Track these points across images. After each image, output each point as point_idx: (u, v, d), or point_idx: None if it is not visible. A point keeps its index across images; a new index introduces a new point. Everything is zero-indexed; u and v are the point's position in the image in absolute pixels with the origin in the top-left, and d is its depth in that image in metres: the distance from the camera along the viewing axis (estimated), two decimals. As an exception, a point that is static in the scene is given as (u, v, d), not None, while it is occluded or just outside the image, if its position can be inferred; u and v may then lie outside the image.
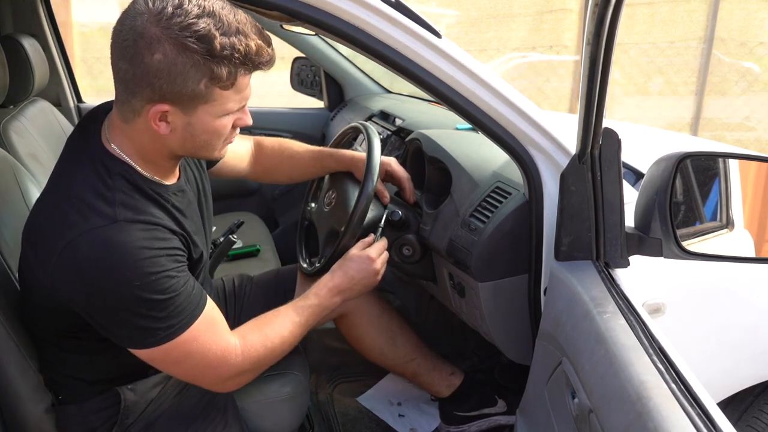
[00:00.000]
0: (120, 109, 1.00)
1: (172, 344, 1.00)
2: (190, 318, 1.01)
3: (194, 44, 0.90)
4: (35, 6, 2.30)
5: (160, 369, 1.09)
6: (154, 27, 0.90)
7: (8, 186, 1.38)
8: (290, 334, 1.15)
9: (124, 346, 1.02)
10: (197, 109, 0.97)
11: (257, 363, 1.11)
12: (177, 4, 0.91)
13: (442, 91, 1.14)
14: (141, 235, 0.97)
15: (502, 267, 1.31)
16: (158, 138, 1.00)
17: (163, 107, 0.95)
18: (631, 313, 0.99)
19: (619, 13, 0.93)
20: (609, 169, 1.14)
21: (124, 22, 0.93)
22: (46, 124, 2.02)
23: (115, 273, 0.94)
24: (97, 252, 0.94)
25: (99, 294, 0.96)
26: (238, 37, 0.93)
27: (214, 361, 1.05)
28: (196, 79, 0.93)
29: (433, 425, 1.80)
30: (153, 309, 0.97)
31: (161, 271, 0.97)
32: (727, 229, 1.67)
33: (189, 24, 0.90)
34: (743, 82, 7.23)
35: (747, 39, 7.01)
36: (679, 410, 0.76)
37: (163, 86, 0.92)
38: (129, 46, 0.91)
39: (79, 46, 7.57)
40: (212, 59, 0.92)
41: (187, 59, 0.91)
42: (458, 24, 8.09)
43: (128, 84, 0.95)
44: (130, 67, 0.93)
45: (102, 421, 1.18)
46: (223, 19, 0.92)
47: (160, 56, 0.90)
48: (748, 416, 1.73)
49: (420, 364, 1.72)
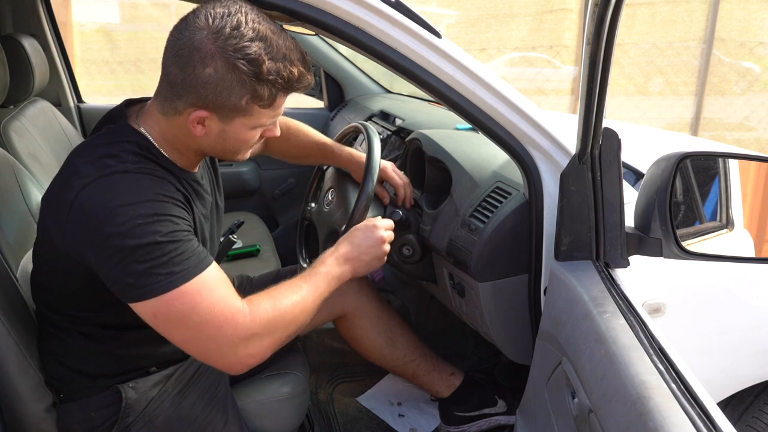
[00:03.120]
0: (161, 104, 1.06)
1: (173, 294, 0.97)
2: (194, 270, 1.00)
3: (244, 66, 0.98)
4: (35, 6, 2.31)
5: (163, 333, 1.03)
6: (211, 44, 0.98)
7: (8, 186, 1.38)
8: (301, 298, 1.11)
9: (128, 300, 1.00)
10: (234, 120, 1.05)
11: (268, 325, 1.05)
12: (235, 25, 0.98)
13: (442, 91, 1.14)
14: (148, 183, 1.01)
15: (502, 267, 1.31)
16: (191, 136, 1.08)
17: (203, 113, 1.03)
18: (631, 313, 0.99)
19: (619, 13, 0.93)
20: (609, 169, 1.14)
21: (183, 31, 1.00)
22: (46, 124, 2.02)
23: (118, 213, 0.96)
24: (102, 195, 0.98)
25: (104, 237, 0.96)
26: (284, 62, 1.01)
27: (220, 318, 1.00)
28: (240, 95, 1.01)
29: (433, 425, 1.80)
30: (154, 251, 0.97)
31: (165, 214, 1.00)
32: (727, 229, 1.67)
33: (242, 47, 0.98)
34: (743, 82, 7.24)
35: (747, 39, 7.01)
36: (679, 410, 0.77)
37: (208, 96, 1.01)
38: (184, 56, 0.99)
39: (79, 46, 7.57)
40: (257, 81, 1.00)
41: (235, 77, 0.99)
42: (458, 24, 8.10)
43: (175, 87, 1.02)
44: (181, 74, 1.00)
45: (103, 420, 1.18)
46: (273, 44, 1.00)
47: (211, 70, 0.99)
48: (748, 416, 1.73)
49: (419, 365, 1.72)
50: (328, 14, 1.07)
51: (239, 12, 1.00)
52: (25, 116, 1.90)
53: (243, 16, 0.99)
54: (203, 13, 0.99)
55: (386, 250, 1.27)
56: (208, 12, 0.99)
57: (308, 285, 1.14)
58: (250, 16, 1.00)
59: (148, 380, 1.21)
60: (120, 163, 1.01)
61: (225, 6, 1.00)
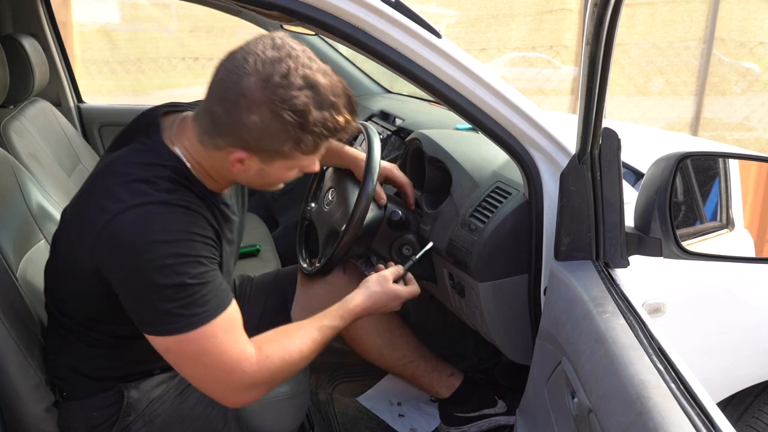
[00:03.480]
0: (201, 135, 1.04)
1: (190, 336, 0.98)
2: (214, 312, 1.00)
3: (290, 117, 0.96)
4: (35, 6, 2.31)
5: (173, 364, 1.05)
6: (259, 92, 0.95)
7: (8, 186, 1.38)
8: (308, 350, 1.12)
9: (145, 331, 1.01)
10: (275, 162, 1.04)
11: (272, 376, 1.07)
12: (284, 73, 0.95)
13: (442, 91, 1.14)
14: (182, 219, 1.00)
15: (502, 267, 1.31)
16: (228, 170, 1.06)
17: (244, 155, 1.02)
18: (630, 313, 0.99)
19: (619, 13, 0.93)
20: (609, 169, 1.14)
21: (230, 74, 0.97)
22: (46, 124, 2.02)
23: (151, 249, 0.95)
24: (138, 227, 0.96)
25: (133, 270, 0.96)
26: (330, 111, 0.99)
27: (229, 364, 1.02)
28: (283, 142, 0.99)
29: (433, 425, 1.80)
30: (180, 293, 0.97)
31: (195, 255, 0.99)
32: (727, 229, 1.68)
33: (290, 97, 0.95)
34: (743, 82, 7.24)
35: (747, 39, 7.01)
36: (679, 410, 0.77)
37: (251, 141, 0.99)
38: (230, 99, 0.97)
39: (79, 46, 7.57)
40: (302, 131, 0.98)
41: (280, 126, 0.97)
42: (458, 24, 8.09)
43: (218, 126, 1.01)
44: (225, 115, 0.99)
45: (104, 419, 1.18)
46: (320, 92, 0.98)
47: (256, 118, 0.96)
48: (748, 416, 1.73)
49: (419, 366, 1.72)
50: (328, 14, 1.07)
51: (288, 57, 0.96)
52: (25, 116, 1.90)
53: (293, 61, 0.96)
54: (252, 55, 0.96)
55: (399, 306, 1.30)
56: (257, 55, 0.96)
57: (320, 338, 1.14)
58: (300, 60, 0.97)
59: (151, 381, 1.21)
60: (155, 192, 0.99)
61: (275, 48, 0.97)
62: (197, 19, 7.85)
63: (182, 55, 7.93)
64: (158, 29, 8.44)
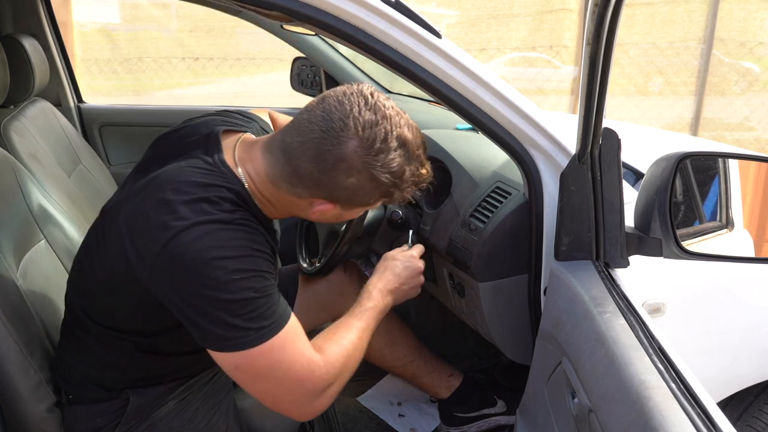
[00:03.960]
0: (276, 178, 1.04)
1: (260, 349, 0.97)
2: (280, 323, 0.99)
3: (387, 179, 1.00)
4: (35, 6, 2.30)
5: (242, 383, 1.03)
6: (360, 158, 0.97)
7: (9, 186, 1.38)
8: (359, 340, 1.12)
9: (213, 349, 0.99)
10: (355, 209, 1.10)
11: (339, 374, 1.07)
12: (383, 137, 0.98)
13: (442, 91, 1.14)
14: (244, 236, 0.99)
15: (502, 267, 1.31)
16: (299, 211, 1.09)
17: (329, 206, 1.05)
18: (631, 313, 0.99)
19: (619, 13, 0.93)
20: (609, 169, 1.14)
21: (328, 135, 0.97)
22: (47, 124, 2.02)
23: (217, 265, 0.94)
24: (202, 243, 0.95)
25: (199, 286, 0.95)
26: (417, 165, 1.04)
27: (301, 373, 1.01)
28: (373, 197, 1.04)
29: (433, 425, 1.80)
30: (247, 307, 0.96)
31: (259, 270, 0.98)
32: (727, 229, 1.68)
33: (389, 161, 0.99)
34: (743, 82, 7.24)
35: (747, 39, 7.01)
36: (679, 410, 0.77)
37: (342, 197, 1.03)
38: (328, 161, 0.98)
39: (79, 46, 7.57)
40: (395, 188, 1.03)
41: (375, 185, 1.01)
42: (458, 24, 8.10)
43: (305, 180, 1.01)
44: (317, 173, 0.99)
45: (107, 422, 1.18)
46: (410, 149, 1.02)
47: (354, 180, 0.99)
48: (748, 416, 1.73)
49: (419, 366, 1.72)
50: (328, 14, 1.07)
51: (384, 118, 0.99)
52: (26, 116, 1.90)
53: (388, 122, 0.99)
54: (351, 119, 0.97)
55: (423, 280, 1.30)
56: (356, 118, 0.97)
57: (361, 323, 1.15)
58: (393, 120, 1.00)
59: (158, 389, 1.20)
60: (218, 211, 0.98)
61: (370, 109, 0.98)
62: (197, 19, 7.86)
63: (182, 55, 7.94)
64: (158, 29, 8.44)
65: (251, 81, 7.90)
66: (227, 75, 8.10)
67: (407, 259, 1.29)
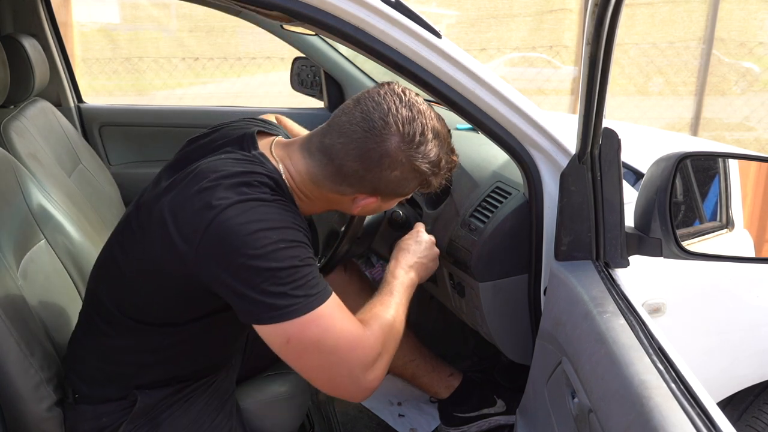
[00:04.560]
0: (316, 176, 1.09)
1: (310, 317, 0.98)
2: (326, 292, 1.01)
3: (426, 168, 1.08)
4: (35, 6, 2.30)
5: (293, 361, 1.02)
6: (404, 153, 1.05)
7: (9, 186, 1.38)
8: (397, 314, 1.13)
9: (263, 322, 0.98)
10: (393, 200, 1.16)
11: (386, 343, 1.08)
12: (421, 131, 1.05)
13: (442, 91, 1.14)
14: (284, 211, 1.03)
15: (502, 267, 1.31)
16: (340, 206, 1.16)
17: (372, 200, 1.11)
18: (631, 313, 0.99)
19: (619, 13, 0.93)
20: (609, 169, 1.14)
21: (371, 134, 1.03)
22: (47, 124, 2.02)
23: (260, 237, 0.97)
24: (245, 218, 0.97)
25: (246, 258, 0.96)
26: (449, 154, 1.12)
27: (351, 341, 1.01)
28: (413, 186, 1.11)
29: (433, 425, 1.80)
30: (294, 275, 0.97)
31: (300, 241, 1.01)
32: (727, 229, 1.68)
33: (428, 152, 1.07)
34: (743, 82, 7.24)
35: (746, 39, 7.01)
36: (679, 410, 0.77)
37: (386, 190, 1.10)
38: (373, 159, 1.04)
39: (79, 46, 7.57)
40: (433, 176, 1.10)
41: (415, 175, 1.08)
42: (458, 24, 8.10)
43: (349, 177, 1.07)
44: (362, 170, 1.06)
45: (112, 422, 1.18)
46: (442, 138, 1.10)
47: (398, 173, 1.06)
48: (748, 416, 1.73)
49: (419, 366, 1.72)
50: (328, 14, 1.07)
51: (419, 113, 1.06)
52: (26, 116, 1.90)
53: (423, 117, 1.06)
54: (391, 116, 1.03)
55: (437, 251, 1.33)
56: (395, 116, 1.04)
57: (392, 298, 1.16)
58: (426, 114, 1.07)
59: (165, 390, 1.20)
60: (258, 193, 1.01)
61: (407, 107, 1.05)
62: (197, 19, 7.85)
63: (182, 55, 7.94)
64: (158, 29, 8.44)
65: (252, 81, 7.90)
66: (227, 75, 8.10)
67: (415, 235, 1.32)
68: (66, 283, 1.43)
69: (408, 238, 1.32)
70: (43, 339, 1.23)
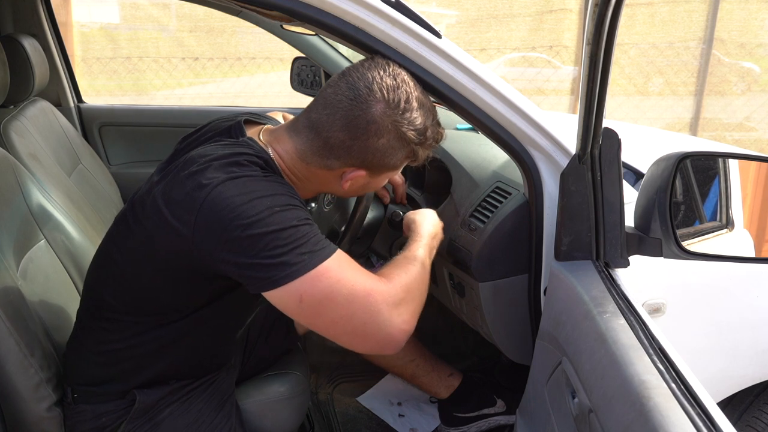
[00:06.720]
0: (305, 153, 1.09)
1: (319, 270, 0.97)
2: (329, 248, 1.00)
3: (414, 136, 1.07)
4: (35, 6, 2.31)
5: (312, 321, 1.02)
6: (389, 119, 1.05)
7: (9, 186, 1.38)
8: (421, 266, 1.13)
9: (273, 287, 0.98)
10: (382, 174, 1.14)
11: (408, 289, 1.06)
12: (406, 98, 1.06)
13: (442, 91, 1.15)
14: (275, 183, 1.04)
15: (502, 267, 1.31)
16: (330, 185, 1.14)
17: (360, 173, 1.10)
18: (631, 313, 0.99)
19: (619, 13, 0.93)
20: (609, 169, 1.14)
21: (356, 102, 1.04)
22: (47, 124, 2.02)
23: (255, 204, 0.97)
24: (238, 190, 0.98)
25: (243, 228, 0.96)
26: (435, 126, 1.12)
27: (366, 286, 1.00)
28: (401, 157, 1.10)
29: (433, 425, 1.80)
30: (296, 234, 0.98)
31: (294, 204, 1.02)
32: (727, 229, 1.68)
33: (414, 119, 1.07)
34: (743, 83, 7.24)
35: (746, 40, 7.02)
36: (679, 410, 0.77)
37: (373, 161, 1.08)
38: (359, 126, 1.04)
39: (79, 46, 7.58)
40: (420, 145, 1.10)
41: (402, 144, 1.08)
42: (458, 24, 8.10)
43: (336, 149, 1.07)
44: (349, 140, 1.05)
45: (112, 421, 1.18)
46: (427, 109, 1.10)
47: (384, 141, 1.06)
48: (748, 416, 1.73)
49: (419, 366, 1.72)
50: (328, 14, 1.07)
51: (404, 83, 1.07)
52: (26, 116, 1.90)
53: (407, 86, 1.07)
54: (376, 84, 1.04)
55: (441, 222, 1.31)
56: (380, 84, 1.04)
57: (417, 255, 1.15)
58: (410, 84, 1.08)
59: (164, 389, 1.20)
60: (248, 171, 1.02)
61: (391, 76, 1.06)
62: (197, 19, 7.86)
63: (182, 55, 7.94)
64: (158, 29, 8.44)
65: (251, 81, 7.90)
66: (227, 75, 8.10)
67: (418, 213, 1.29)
68: (66, 282, 1.43)
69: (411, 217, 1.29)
70: (43, 339, 1.23)
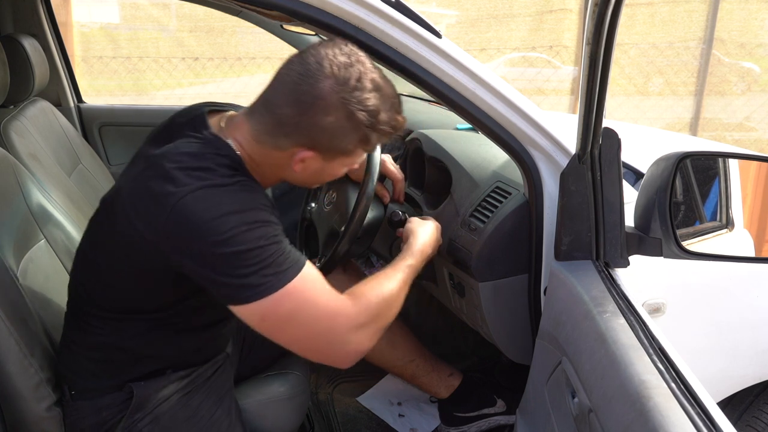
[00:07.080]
0: (259, 134, 1.07)
1: (282, 293, 0.99)
2: (297, 266, 1.01)
3: (364, 117, 1.03)
4: (35, 6, 2.30)
5: (272, 334, 1.04)
6: (336, 95, 1.01)
7: (9, 186, 1.38)
8: (399, 289, 1.13)
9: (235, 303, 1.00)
10: (335, 160, 1.10)
11: (374, 313, 1.07)
12: (357, 77, 1.02)
13: (442, 91, 1.15)
14: (245, 193, 1.03)
15: (502, 267, 1.31)
16: (284, 168, 1.10)
17: (309, 154, 1.06)
18: (631, 313, 0.99)
19: (619, 13, 0.94)
20: (609, 169, 1.14)
21: (305, 77, 1.01)
22: (47, 124, 2.02)
23: (223, 221, 0.97)
24: (206, 203, 0.98)
25: (210, 244, 0.97)
26: (392, 112, 1.08)
27: (329, 311, 1.02)
28: (352, 141, 1.06)
29: (433, 425, 1.80)
30: (261, 255, 0.98)
31: (265, 220, 1.01)
32: (727, 229, 1.68)
33: (364, 99, 1.03)
34: (743, 83, 7.24)
35: (747, 40, 7.01)
36: (679, 410, 0.77)
37: (322, 141, 1.05)
38: (306, 102, 1.02)
39: (79, 46, 7.57)
40: (372, 129, 1.05)
41: (352, 125, 1.04)
42: (458, 24, 8.10)
43: (285, 126, 1.05)
44: (297, 116, 1.03)
45: (112, 416, 1.18)
46: (385, 94, 1.06)
47: (332, 119, 1.02)
48: (748, 416, 1.73)
49: (419, 366, 1.72)
50: (328, 14, 1.07)
51: (358, 62, 1.03)
52: (26, 116, 1.90)
53: (361, 66, 1.04)
54: (327, 60, 1.02)
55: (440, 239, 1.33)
56: (331, 60, 1.02)
57: (403, 275, 1.17)
58: (366, 65, 1.04)
59: (161, 380, 1.21)
60: (217, 177, 1.01)
61: (345, 54, 1.03)
62: (197, 19, 7.85)
63: (182, 55, 7.94)
64: (158, 29, 8.44)
65: (251, 81, 7.89)
66: (227, 75, 8.09)
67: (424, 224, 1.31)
68: (66, 282, 1.43)
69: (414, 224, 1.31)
70: (43, 339, 1.23)
